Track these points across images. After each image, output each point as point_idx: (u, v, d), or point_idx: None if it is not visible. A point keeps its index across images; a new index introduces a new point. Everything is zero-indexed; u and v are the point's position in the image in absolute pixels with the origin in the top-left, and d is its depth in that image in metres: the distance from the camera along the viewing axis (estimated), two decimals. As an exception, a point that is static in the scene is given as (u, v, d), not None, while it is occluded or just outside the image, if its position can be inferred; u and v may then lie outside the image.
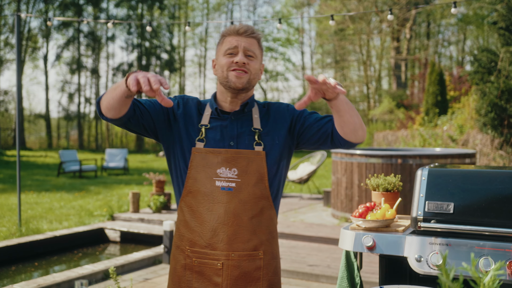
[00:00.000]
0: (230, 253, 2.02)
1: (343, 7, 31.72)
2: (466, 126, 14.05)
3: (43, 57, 38.48)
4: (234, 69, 2.05)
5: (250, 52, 2.07)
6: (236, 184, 2.03)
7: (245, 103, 2.13)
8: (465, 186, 2.81)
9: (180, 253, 2.10)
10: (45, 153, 29.55)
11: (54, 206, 10.69)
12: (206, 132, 2.10)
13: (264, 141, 2.11)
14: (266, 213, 2.10)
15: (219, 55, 2.11)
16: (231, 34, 2.09)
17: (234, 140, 2.09)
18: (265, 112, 2.20)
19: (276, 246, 2.18)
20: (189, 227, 2.07)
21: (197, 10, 44.15)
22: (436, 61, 33.37)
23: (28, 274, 6.60)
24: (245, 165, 2.05)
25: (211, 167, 2.04)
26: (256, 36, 2.12)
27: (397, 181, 3.38)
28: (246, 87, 2.09)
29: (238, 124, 2.12)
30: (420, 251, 2.77)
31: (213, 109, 2.14)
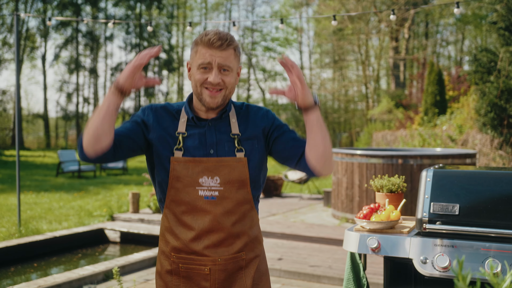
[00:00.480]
0: (217, 258, 2.04)
1: (341, 7, 31.72)
2: (466, 126, 14.05)
3: (41, 56, 38.43)
4: (207, 87, 1.99)
5: (225, 66, 1.99)
6: (219, 193, 2.01)
7: (222, 111, 2.08)
8: (470, 187, 2.80)
9: (166, 259, 2.10)
10: (43, 153, 29.50)
11: (54, 206, 10.66)
12: (183, 141, 2.05)
13: (244, 146, 2.07)
14: (248, 215, 2.10)
15: (193, 65, 2.03)
16: (205, 45, 1.97)
17: (214, 148, 2.05)
18: (243, 115, 2.14)
19: (257, 243, 2.18)
20: (174, 234, 2.06)
21: (195, 10, 44.12)
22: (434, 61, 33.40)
23: (27, 275, 6.57)
24: (227, 173, 2.02)
25: (192, 176, 2.00)
26: (232, 46, 2.00)
27: (401, 182, 3.37)
28: (221, 105, 2.04)
29: (216, 130, 2.08)
30: (426, 253, 2.76)
31: (189, 116, 2.08)
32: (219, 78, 1.97)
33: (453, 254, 2.70)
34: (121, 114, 40.65)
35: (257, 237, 2.18)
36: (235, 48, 2.02)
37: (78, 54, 38.86)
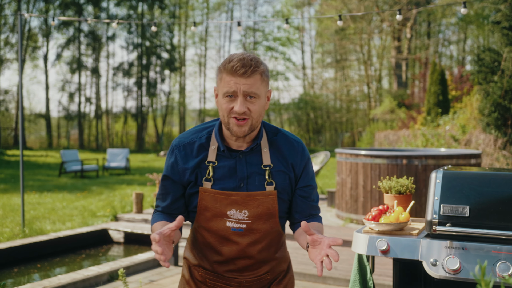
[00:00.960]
0: (242, 280, 2.10)
1: (344, 6, 31.69)
2: (469, 126, 14.02)
3: (43, 56, 38.45)
4: (234, 117, 1.92)
5: (251, 94, 1.91)
6: (247, 225, 2.01)
7: (254, 144, 2.02)
8: (481, 188, 2.78)
9: (195, 269, 2.16)
10: (45, 152, 29.52)
11: (57, 206, 10.65)
12: (213, 171, 2.01)
13: (275, 179, 2.03)
14: (274, 241, 2.12)
15: (219, 92, 1.97)
16: (228, 73, 1.90)
17: (244, 181, 2.00)
18: (276, 145, 2.07)
19: (284, 263, 2.24)
20: (202, 253, 2.11)
21: (197, 10, 44.11)
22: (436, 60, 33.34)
23: (30, 275, 6.56)
24: (256, 207, 2.00)
25: (221, 208, 1.99)
26: (258, 72, 1.91)
27: (409, 184, 3.35)
28: (249, 133, 1.97)
29: (248, 163, 2.02)
30: (436, 255, 2.74)
31: (220, 149, 2.02)
32: (245, 107, 1.89)
33: (464, 257, 2.68)
34: (123, 114, 40.68)
35: (284, 257, 2.22)
36: (262, 73, 1.94)
37: (80, 53, 38.89)
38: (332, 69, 41.98)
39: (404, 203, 3.33)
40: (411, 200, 3.35)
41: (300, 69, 44.88)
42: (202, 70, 43.56)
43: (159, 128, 42.21)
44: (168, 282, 5.75)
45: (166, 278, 5.89)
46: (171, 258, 6.41)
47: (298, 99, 42.55)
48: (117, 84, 40.35)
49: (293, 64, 45.50)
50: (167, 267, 1.68)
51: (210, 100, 44.59)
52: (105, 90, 40.70)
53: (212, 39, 43.89)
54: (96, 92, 40.13)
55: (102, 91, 41.31)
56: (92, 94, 40.43)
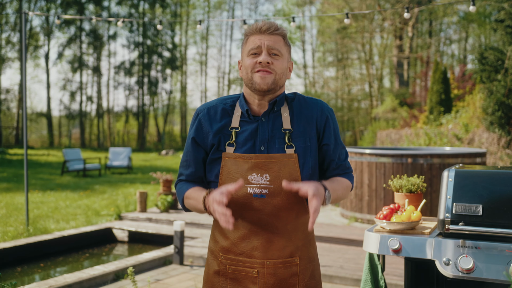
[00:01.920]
0: (265, 261, 1.97)
1: (345, 5, 31.64)
2: (472, 125, 13.99)
3: (45, 55, 38.43)
4: (258, 70, 1.96)
5: (274, 50, 1.98)
6: (269, 191, 1.94)
7: (273, 101, 2.03)
8: (494, 187, 2.76)
9: (214, 259, 2.06)
10: (47, 151, 29.52)
11: (60, 205, 10.64)
12: (236, 136, 2.02)
13: (295, 143, 2.01)
14: (301, 217, 2.01)
15: (244, 56, 2.03)
16: (254, 33, 2.00)
17: (265, 145, 1.99)
18: (295, 108, 2.08)
19: (313, 249, 2.11)
20: (223, 234, 2.03)
21: (198, 8, 44.08)
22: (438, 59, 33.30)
23: (34, 275, 6.55)
24: (277, 170, 1.95)
25: (242, 173, 1.95)
26: (280, 33, 2.01)
27: (420, 182, 3.34)
28: (272, 88, 1.99)
29: (269, 126, 2.02)
30: (449, 254, 2.72)
31: (243, 110, 2.04)
32: (269, 59, 1.95)
33: (477, 256, 2.66)
34: (125, 112, 40.67)
35: (311, 242, 2.11)
36: (284, 37, 2.03)
37: (81, 52, 38.86)
38: (334, 67, 41.94)
39: (415, 201, 3.31)
40: (422, 198, 3.33)
41: (301, 67, 44.84)
42: (203, 69, 43.54)
43: (160, 127, 42.19)
44: (174, 281, 5.74)
45: (172, 277, 5.88)
46: (176, 256, 6.40)
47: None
48: (118, 83, 40.33)
49: (294, 63, 45.43)
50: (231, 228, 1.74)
51: (211, 99, 44.60)
52: (107, 89, 40.70)
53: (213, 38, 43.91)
54: (97, 91, 40.10)
55: (103, 90, 41.29)
56: (93, 93, 40.44)
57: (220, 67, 43.69)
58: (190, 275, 5.99)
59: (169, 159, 26.39)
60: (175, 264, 6.42)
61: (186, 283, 5.65)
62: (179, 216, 8.82)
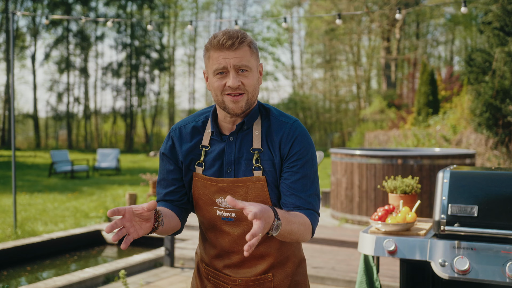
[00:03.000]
0: (238, 279, 1.96)
1: (333, 6, 31.74)
2: (459, 126, 14.09)
3: (31, 56, 38.10)
4: (228, 93, 1.81)
5: (242, 67, 1.79)
6: (236, 214, 1.86)
7: (241, 122, 1.88)
8: (489, 188, 2.76)
9: (200, 264, 2.11)
10: (34, 153, 29.25)
11: (48, 207, 10.54)
12: (205, 155, 1.92)
13: (263, 165, 1.86)
14: (274, 238, 1.92)
15: (209, 73, 1.85)
16: (216, 49, 1.79)
17: (232, 166, 1.88)
18: (267, 125, 1.91)
19: (290, 264, 2.00)
20: (203, 247, 2.05)
21: (186, 9, 43.98)
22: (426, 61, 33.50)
23: (21, 278, 6.47)
24: (244, 194, 1.85)
25: (210, 195, 1.89)
26: (245, 43, 1.80)
27: (415, 183, 3.34)
28: (246, 109, 1.84)
29: (236, 146, 1.89)
30: (444, 256, 2.72)
31: (213, 128, 1.92)
32: (238, 81, 1.79)
33: (473, 257, 2.66)
34: (112, 114, 40.44)
35: (290, 257, 1.99)
36: (250, 45, 1.82)
37: (68, 53, 38.58)
38: (322, 69, 42.05)
39: (409, 203, 3.31)
40: (416, 200, 3.33)
41: (290, 69, 44.92)
42: (191, 70, 43.45)
43: (148, 129, 42.01)
44: (165, 283, 5.70)
45: (163, 280, 5.84)
46: (167, 259, 6.35)
47: (287, 99, 42.57)
48: (106, 84, 40.09)
49: (283, 64, 45.51)
50: (114, 241, 1.56)
51: (199, 100, 44.48)
52: (94, 90, 40.46)
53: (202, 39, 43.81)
54: (84, 92, 39.85)
55: (90, 91, 41.03)
56: (80, 94, 40.16)
57: (208, 68, 43.53)
58: (181, 277, 5.95)
59: (157, 160, 26.28)
60: (165, 266, 6.38)
61: (177, 285, 5.61)
62: (169, 218, 8.77)
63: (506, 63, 10.63)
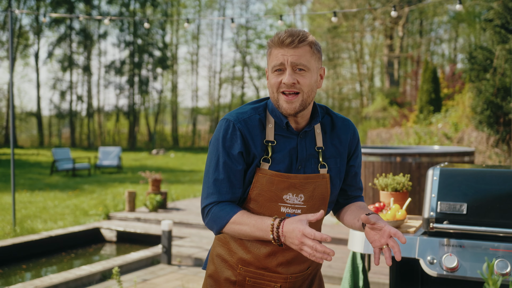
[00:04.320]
0: (288, 275, 1.95)
1: (336, 4, 31.68)
2: (461, 124, 14.05)
3: (35, 54, 38.17)
4: (283, 91, 1.82)
5: (300, 65, 1.80)
6: (302, 211, 1.89)
7: (315, 121, 1.92)
8: (478, 186, 2.75)
9: (229, 268, 1.97)
10: (37, 151, 29.32)
11: (48, 205, 10.56)
12: (273, 151, 1.87)
13: (327, 162, 1.94)
14: (319, 229, 2.05)
15: (269, 70, 1.88)
16: (276, 46, 1.83)
17: (302, 164, 1.90)
18: (327, 125, 1.98)
19: None
20: (245, 247, 1.93)
21: (189, 7, 43.97)
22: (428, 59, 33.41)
23: (22, 274, 6.49)
24: (312, 190, 1.89)
25: (277, 192, 1.86)
26: (306, 43, 1.82)
27: (406, 181, 3.33)
28: (300, 110, 1.85)
29: (306, 145, 1.92)
30: (433, 253, 2.72)
31: (280, 122, 1.89)
32: (294, 79, 1.79)
33: (461, 254, 2.66)
34: (115, 112, 40.50)
35: None
36: (311, 45, 1.84)
37: (71, 51, 38.63)
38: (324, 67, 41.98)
39: (400, 200, 3.31)
40: (407, 197, 3.33)
41: (293, 67, 44.82)
42: (194, 68, 43.44)
43: (151, 127, 42.05)
44: (161, 281, 5.71)
45: (160, 277, 5.84)
46: (164, 256, 6.36)
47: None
48: (109, 82, 40.14)
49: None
50: (330, 260, 1.63)
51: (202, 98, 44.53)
52: (97, 88, 40.48)
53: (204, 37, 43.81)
54: (87, 90, 39.89)
55: (93, 89, 41.21)
56: (83, 92, 40.20)
57: (211, 66, 43.64)
58: (178, 274, 5.96)
59: (159, 158, 26.30)
60: (163, 264, 6.39)
61: (174, 283, 5.61)
62: (167, 215, 8.78)
63: (507, 60, 10.60)
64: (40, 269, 6.80)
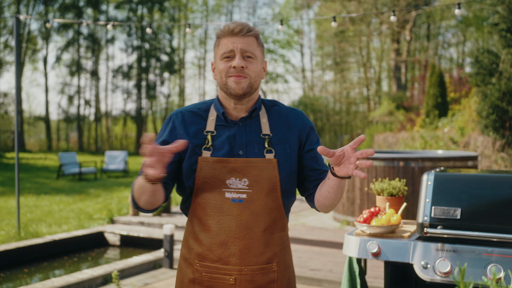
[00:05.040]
0: (243, 267, 1.92)
1: (343, 8, 31.70)
2: (467, 128, 13.99)
3: (43, 59, 38.44)
4: (232, 75, 1.93)
5: (248, 53, 1.94)
6: (247, 195, 1.91)
7: (253, 108, 2.00)
8: (472, 191, 2.75)
9: (188, 266, 1.99)
10: (44, 155, 29.48)
11: (54, 209, 10.62)
12: (212, 140, 1.97)
13: (275, 148, 1.97)
14: (278, 223, 1.99)
15: (217, 59, 1.99)
16: (226, 35, 1.96)
17: (243, 149, 1.95)
18: (274, 115, 2.05)
19: (289, 255, 2.07)
20: (198, 240, 1.97)
21: (196, 12, 44.14)
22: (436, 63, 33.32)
23: (25, 278, 6.53)
24: (256, 175, 1.91)
25: (220, 177, 1.91)
26: (253, 34, 1.97)
27: (402, 186, 3.33)
28: (248, 92, 1.95)
29: (247, 131, 1.99)
30: (427, 258, 2.71)
31: (219, 113, 2.00)
32: (243, 63, 1.91)
33: (455, 259, 2.65)
34: (123, 116, 40.67)
35: (287, 248, 2.06)
36: (256, 37, 1.99)
37: (79, 56, 38.87)
38: (332, 71, 41.98)
39: (396, 205, 3.30)
40: (403, 202, 3.32)
41: (300, 71, 44.90)
42: (201, 72, 43.56)
43: (158, 131, 42.14)
44: (163, 285, 5.72)
45: (161, 281, 5.86)
46: (166, 260, 6.38)
47: (297, 102, 42.54)
48: (116, 87, 40.34)
49: (293, 67, 45.52)
50: (160, 175, 1.67)
51: (209, 102, 44.37)
52: (105, 93, 40.73)
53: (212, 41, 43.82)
54: (95, 94, 40.11)
55: (101, 94, 41.37)
56: (91, 97, 40.42)
57: (218, 70, 43.62)
58: (179, 279, 5.96)
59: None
60: (164, 268, 6.40)
61: (175, 287, 5.62)
62: (171, 219, 8.80)
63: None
64: (42, 272, 6.83)
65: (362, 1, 30.87)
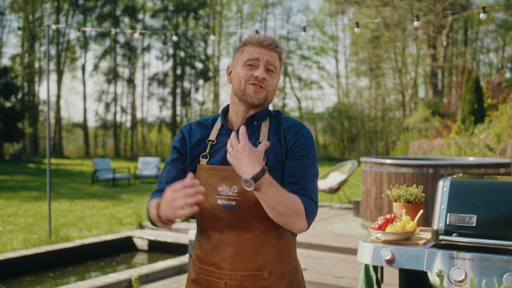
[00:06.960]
0: (233, 273, 1.94)
1: (377, 14, 31.41)
2: (504, 135, 13.63)
3: (81, 67, 39.35)
4: (252, 83, 1.96)
5: (271, 66, 1.99)
6: (237, 203, 1.92)
7: (251, 115, 2.02)
8: (489, 198, 2.67)
9: (192, 267, 2.08)
10: (81, 161, 30.10)
11: (86, 214, 10.81)
12: (211, 148, 2.03)
13: (267, 156, 1.96)
14: (272, 231, 1.97)
15: (238, 64, 2.02)
16: (254, 44, 2.00)
17: None
18: (275, 125, 2.06)
19: (288, 264, 2.02)
20: (199, 243, 2.04)
21: (231, 20, 44.45)
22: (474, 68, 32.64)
23: (53, 281, 6.65)
24: None
25: (212, 184, 1.95)
26: (279, 51, 2.02)
27: (419, 192, 3.25)
28: (262, 103, 2.00)
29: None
30: (441, 266, 2.64)
31: (222, 121, 2.06)
32: (265, 75, 1.96)
33: (470, 268, 2.57)
34: (158, 123, 41.21)
35: (285, 257, 2.02)
36: (280, 55, 2.05)
37: (116, 64, 39.64)
38: (367, 77, 41.61)
39: (413, 212, 3.23)
40: (420, 209, 3.25)
41: (334, 78, 44.66)
42: (235, 79, 43.74)
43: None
44: (186, 290, 5.74)
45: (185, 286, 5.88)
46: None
47: (332, 108, 42.33)
48: (151, 94, 40.96)
49: (327, 73, 45.34)
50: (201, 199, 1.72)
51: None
52: (141, 100, 41.48)
53: (246, 48, 44.07)
54: (131, 102, 40.80)
55: (137, 101, 42.06)
56: (127, 104, 41.13)
57: (253, 77, 43.81)
58: (203, 284, 5.98)
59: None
60: (189, 273, 6.42)
61: (198, 293, 5.63)
62: (199, 225, 8.84)
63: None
64: (67, 277, 6.95)
65: (397, 7, 30.55)
